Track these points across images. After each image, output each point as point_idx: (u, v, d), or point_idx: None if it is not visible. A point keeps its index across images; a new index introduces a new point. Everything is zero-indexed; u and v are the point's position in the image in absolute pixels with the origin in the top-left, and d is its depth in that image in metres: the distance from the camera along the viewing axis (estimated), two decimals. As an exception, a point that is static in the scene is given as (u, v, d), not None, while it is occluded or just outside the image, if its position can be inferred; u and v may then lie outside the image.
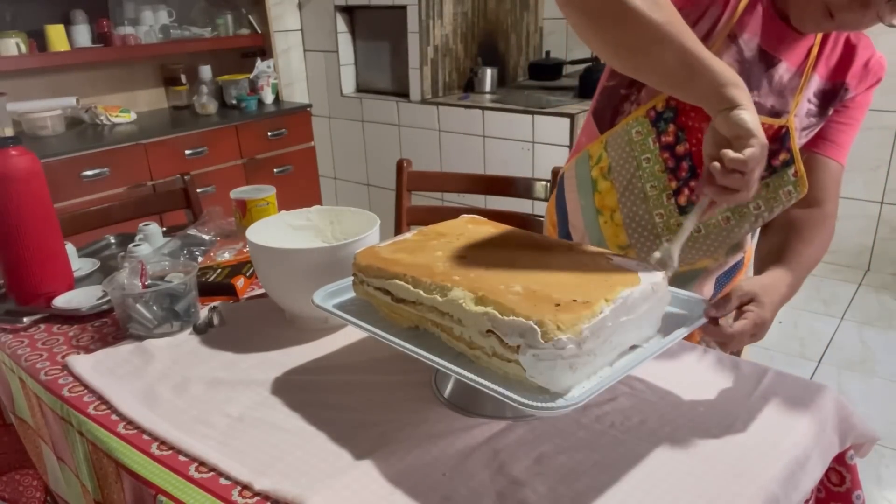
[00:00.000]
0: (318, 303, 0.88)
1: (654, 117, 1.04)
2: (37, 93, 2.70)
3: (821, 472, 0.80)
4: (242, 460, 0.75)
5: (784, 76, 0.98)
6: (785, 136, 0.98)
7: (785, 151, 0.98)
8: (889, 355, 2.43)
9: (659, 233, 1.07)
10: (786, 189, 1.00)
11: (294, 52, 3.37)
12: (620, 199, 1.09)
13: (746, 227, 1.05)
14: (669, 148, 1.03)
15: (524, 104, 2.68)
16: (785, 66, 0.97)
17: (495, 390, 0.66)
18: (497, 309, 0.69)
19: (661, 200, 1.05)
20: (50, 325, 1.11)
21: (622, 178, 1.08)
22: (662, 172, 1.04)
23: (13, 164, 1.08)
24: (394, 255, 0.85)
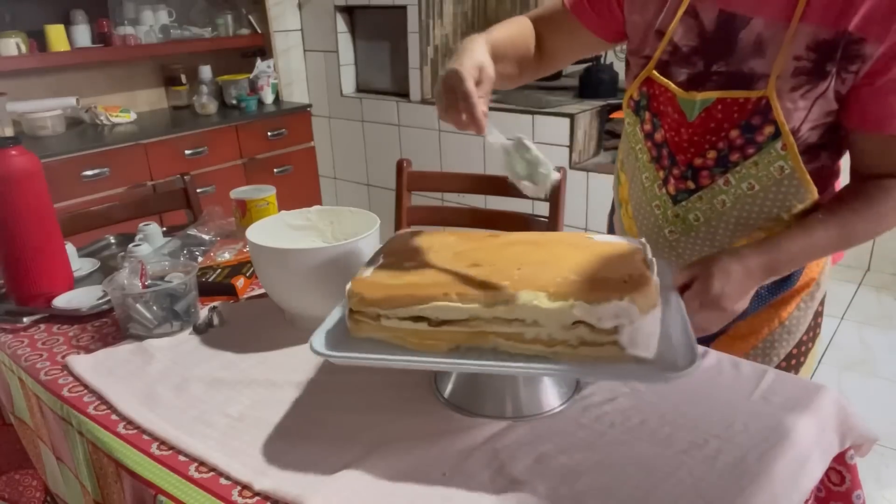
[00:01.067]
0: (323, 350, 0.75)
1: (634, 106, 1.03)
2: (37, 93, 2.70)
3: (821, 472, 0.80)
4: (242, 460, 0.75)
5: (764, 32, 0.88)
6: (766, 107, 0.89)
7: (769, 124, 0.89)
8: (889, 355, 2.43)
9: (660, 224, 1.04)
10: (776, 165, 0.91)
11: (294, 52, 3.37)
12: (630, 192, 1.08)
13: (746, 210, 0.96)
14: (650, 136, 1.01)
15: (524, 104, 2.68)
16: (761, 21, 0.88)
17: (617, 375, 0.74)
18: (582, 299, 0.71)
19: (655, 191, 1.03)
20: (50, 325, 1.11)
21: (629, 170, 1.07)
22: (650, 162, 1.03)
23: (13, 164, 1.08)
24: (402, 280, 0.78)
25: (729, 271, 0.86)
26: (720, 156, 0.95)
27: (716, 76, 0.93)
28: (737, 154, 0.94)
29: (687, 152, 0.98)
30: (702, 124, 0.95)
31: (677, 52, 0.96)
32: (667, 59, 0.97)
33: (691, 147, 0.97)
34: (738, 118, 0.91)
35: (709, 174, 0.97)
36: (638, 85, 1.00)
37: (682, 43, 0.95)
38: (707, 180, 0.97)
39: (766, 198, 0.95)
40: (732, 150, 0.94)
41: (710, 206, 0.99)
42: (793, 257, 0.90)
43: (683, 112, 0.96)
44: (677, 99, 0.96)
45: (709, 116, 0.94)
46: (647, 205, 1.05)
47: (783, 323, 1.04)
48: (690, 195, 0.99)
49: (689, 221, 1.01)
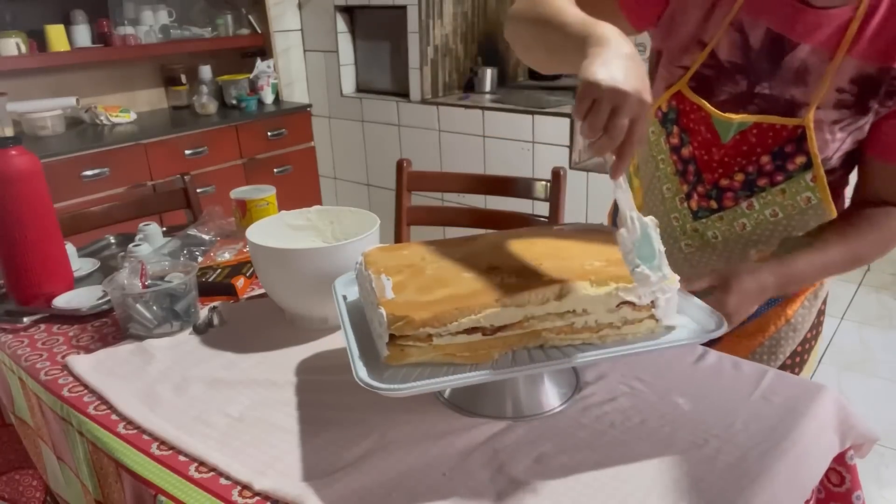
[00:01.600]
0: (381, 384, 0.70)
1: (661, 117, 1.00)
2: (37, 93, 2.69)
3: (821, 473, 0.80)
4: (242, 460, 0.75)
5: (808, 60, 0.87)
6: (801, 137, 0.89)
7: (802, 154, 0.90)
8: (889, 355, 2.43)
9: (677, 237, 1.04)
10: (804, 195, 0.92)
11: (294, 52, 3.37)
12: (644, 200, 1.07)
13: (766, 235, 0.98)
14: (676, 150, 1.00)
15: (524, 104, 2.68)
16: (807, 48, 0.86)
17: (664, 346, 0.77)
18: (623, 281, 0.75)
19: (676, 204, 1.02)
20: (50, 325, 1.11)
21: (646, 178, 1.06)
22: (674, 175, 1.01)
23: (13, 164, 1.08)
24: (439, 295, 0.75)
25: (746, 290, 0.87)
26: (748, 179, 0.95)
27: (758, 98, 0.91)
28: (765, 179, 0.93)
29: (715, 172, 0.97)
30: (734, 146, 0.94)
31: (720, 67, 0.92)
32: (709, 73, 0.93)
33: (720, 168, 0.96)
34: (771, 144, 0.91)
35: (733, 196, 0.97)
36: (667, 98, 0.97)
37: (726, 58, 0.92)
38: (731, 202, 0.97)
39: (789, 224, 0.96)
40: (761, 175, 0.93)
41: (729, 228, 0.99)
42: (805, 277, 0.93)
43: (717, 132, 0.94)
44: (712, 119, 0.93)
45: (742, 139, 0.93)
46: (665, 216, 1.04)
47: (789, 321, 1.05)
48: (711, 214, 0.99)
49: (707, 238, 1.01)
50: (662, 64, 0.99)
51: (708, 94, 0.94)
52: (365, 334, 0.80)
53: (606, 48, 0.68)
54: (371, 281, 0.79)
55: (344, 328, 0.80)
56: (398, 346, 0.73)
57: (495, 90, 3.07)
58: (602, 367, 0.90)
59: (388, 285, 0.77)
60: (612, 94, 0.64)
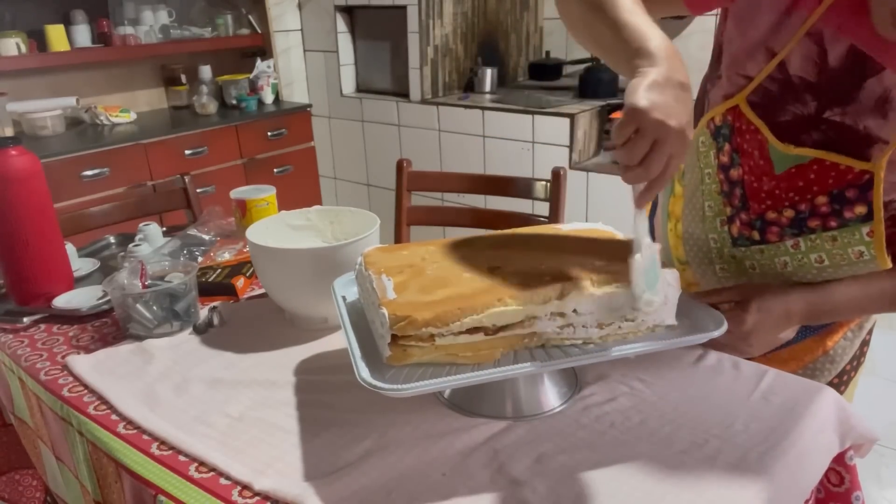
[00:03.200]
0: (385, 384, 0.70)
1: (714, 130, 0.89)
2: (37, 93, 2.69)
3: (821, 473, 0.80)
4: (242, 460, 0.75)
5: (893, 89, 0.75)
6: (867, 184, 0.77)
7: (863, 203, 0.78)
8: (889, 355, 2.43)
9: (713, 259, 0.95)
10: (856, 249, 0.81)
11: (294, 52, 3.37)
12: (684, 211, 0.98)
13: (807, 279, 0.88)
14: (725, 169, 0.89)
15: (524, 104, 2.68)
16: (893, 75, 0.75)
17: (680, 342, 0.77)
18: (623, 281, 0.75)
19: (716, 225, 0.93)
20: (50, 325, 1.11)
21: (689, 188, 0.96)
22: (718, 194, 0.92)
23: (13, 164, 1.08)
24: (441, 295, 0.75)
25: (769, 310, 0.83)
26: (798, 217, 0.84)
27: (825, 125, 0.80)
28: (817, 221, 0.83)
29: (763, 203, 0.87)
30: (788, 180, 0.83)
31: (788, 82, 0.81)
32: (773, 88, 0.82)
33: (769, 199, 0.86)
34: (832, 185, 0.80)
35: (779, 232, 0.87)
36: (723, 111, 0.86)
37: (796, 73, 0.80)
38: (775, 237, 0.88)
39: (835, 274, 0.86)
40: (814, 216, 0.83)
41: (770, 263, 0.90)
42: (839, 310, 0.87)
43: (771, 162, 0.84)
44: (768, 145, 0.83)
45: (799, 174, 0.82)
46: (703, 234, 0.95)
47: (827, 352, 0.99)
48: (752, 245, 0.90)
49: (745, 267, 0.93)
50: (723, 69, 0.88)
51: (770, 112, 0.83)
52: (365, 335, 0.80)
53: (658, 69, 0.64)
54: (372, 281, 0.79)
55: (345, 329, 0.80)
56: (400, 346, 0.73)
57: (495, 90, 3.07)
58: (602, 367, 0.90)
59: (389, 285, 0.77)
60: (656, 127, 0.61)
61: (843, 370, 1.01)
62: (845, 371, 1.02)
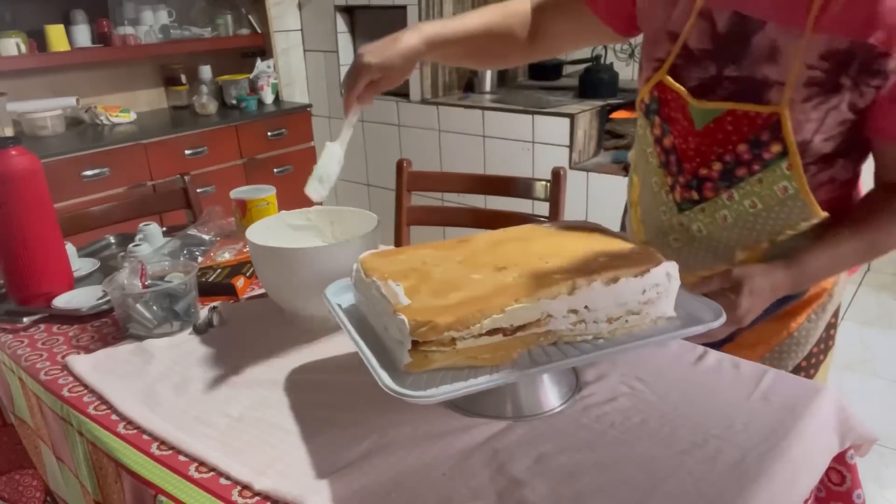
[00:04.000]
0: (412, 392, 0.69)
1: (645, 109, 1.01)
2: (37, 93, 2.70)
3: (821, 472, 0.80)
4: (242, 460, 0.75)
5: (778, 39, 0.85)
6: (776, 124, 0.86)
7: (777, 142, 0.87)
8: (889, 355, 2.43)
9: (665, 231, 1.03)
10: (780, 185, 0.89)
11: (294, 52, 3.37)
12: (640, 195, 1.08)
13: (748, 227, 0.95)
14: (659, 141, 1.00)
15: (524, 104, 2.68)
16: (775, 27, 0.85)
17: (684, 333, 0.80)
18: (629, 275, 0.78)
19: (662, 196, 1.02)
20: (50, 325, 1.11)
21: (641, 173, 1.06)
22: (659, 167, 1.01)
23: (13, 164, 1.08)
24: (456, 298, 0.74)
25: (759, 290, 0.87)
26: (726, 169, 0.93)
27: (727, 81, 0.90)
28: (743, 169, 0.92)
29: (693, 161, 0.96)
30: (709, 134, 0.93)
31: (690, 55, 0.93)
32: (680, 62, 0.94)
33: (697, 156, 0.95)
34: (746, 132, 0.89)
35: (713, 187, 0.96)
36: (649, 88, 0.98)
37: (695, 46, 0.92)
38: (711, 193, 0.96)
39: (769, 217, 0.93)
40: (739, 164, 0.92)
41: (712, 220, 0.97)
42: (818, 272, 0.91)
43: (692, 119, 0.94)
44: (688, 106, 0.94)
45: (717, 127, 0.92)
46: (655, 209, 1.04)
47: (792, 334, 1.03)
48: (694, 206, 0.99)
49: (693, 232, 1.00)
50: (642, 58, 1.02)
51: (680, 81, 0.94)
52: (371, 342, 0.78)
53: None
54: (379, 288, 0.77)
55: (353, 338, 0.78)
56: (422, 352, 0.71)
57: (495, 90, 3.07)
58: (602, 367, 0.90)
59: (399, 291, 0.75)
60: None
61: (810, 353, 1.05)
62: (813, 354, 1.05)
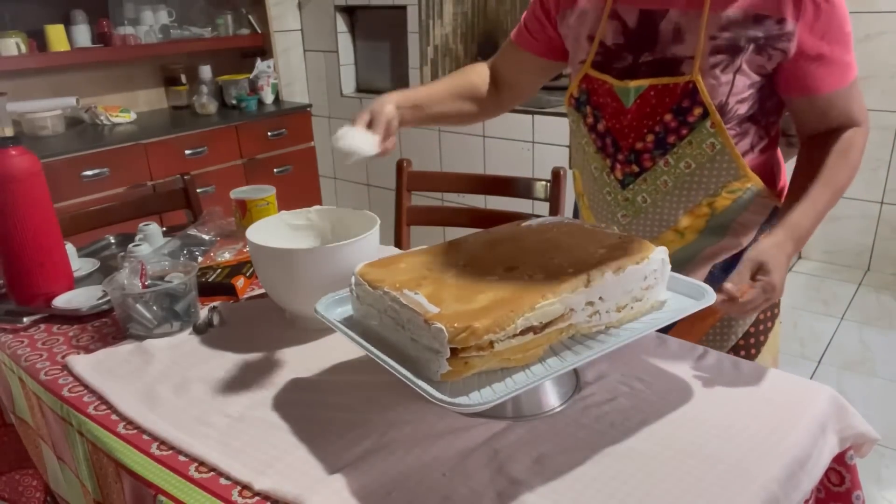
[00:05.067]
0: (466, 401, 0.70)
1: (575, 104, 1.11)
2: (37, 93, 2.69)
3: (821, 473, 0.80)
4: (242, 460, 0.75)
5: (681, 21, 0.97)
6: (693, 90, 0.97)
7: (698, 105, 0.97)
8: (889, 355, 2.43)
9: (613, 209, 1.10)
10: (708, 142, 0.99)
11: (294, 52, 3.37)
12: (583, 184, 1.17)
13: (686, 188, 1.03)
14: (593, 128, 1.09)
15: (524, 104, 2.68)
16: (676, 12, 0.97)
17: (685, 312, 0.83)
18: (632, 263, 0.81)
19: (604, 178, 1.10)
20: (50, 325, 1.11)
21: (579, 165, 1.17)
22: (596, 153, 1.10)
23: (13, 164, 1.08)
24: (483, 302, 0.74)
25: (781, 263, 0.90)
26: (658, 139, 1.02)
27: (644, 66, 1.01)
28: (673, 136, 1.01)
29: (628, 137, 1.05)
30: (638, 110, 1.02)
31: (608, 51, 1.04)
32: (599, 59, 1.05)
33: (631, 132, 1.04)
34: (669, 102, 0.99)
35: (650, 157, 1.04)
36: (577, 83, 1.08)
37: (611, 42, 1.03)
38: (649, 163, 1.04)
39: (703, 175, 1.02)
40: (668, 132, 1.01)
41: (654, 187, 1.06)
42: (808, 227, 0.97)
43: (621, 100, 1.03)
44: (615, 88, 1.03)
45: (644, 102, 1.01)
46: (599, 192, 1.12)
47: None
48: (636, 178, 1.07)
49: (638, 203, 1.08)
50: (570, 67, 1.13)
51: (603, 72, 1.05)
52: (388, 355, 0.75)
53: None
54: (397, 298, 0.75)
55: (374, 354, 0.75)
56: (461, 359, 0.70)
57: (495, 91, 3.06)
58: (602, 367, 0.90)
59: (422, 300, 0.74)
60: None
61: (757, 320, 1.11)
62: (759, 321, 1.12)
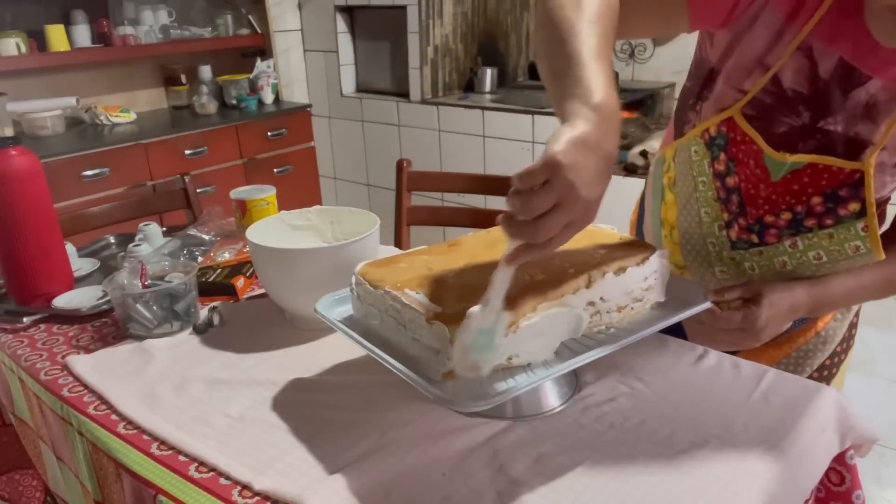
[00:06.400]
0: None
1: (708, 140, 0.92)
2: (37, 93, 2.70)
3: (821, 473, 0.80)
4: (242, 460, 0.75)
5: (879, 96, 0.80)
6: (858, 182, 0.82)
7: (856, 201, 0.83)
8: (889, 355, 2.43)
9: (712, 262, 0.98)
10: (853, 244, 0.85)
11: (294, 52, 3.37)
12: (679, 217, 1.00)
13: (806, 276, 0.92)
14: (721, 177, 0.92)
15: (524, 104, 2.68)
16: (879, 84, 0.80)
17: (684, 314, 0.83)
18: (632, 264, 0.81)
19: (714, 230, 0.96)
20: (50, 325, 1.11)
21: (682, 195, 0.98)
22: (715, 201, 0.94)
23: (13, 164, 1.08)
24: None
25: (779, 305, 0.87)
26: (795, 219, 0.89)
27: (820, 134, 0.84)
28: (813, 221, 0.87)
29: (760, 208, 0.90)
30: (784, 185, 0.87)
31: (782, 95, 0.84)
32: (769, 101, 0.85)
33: (766, 204, 0.90)
34: (825, 186, 0.85)
35: (777, 234, 0.91)
36: (718, 122, 0.89)
37: (790, 86, 0.83)
38: (773, 238, 0.91)
39: (832, 269, 0.90)
40: (810, 216, 0.87)
41: (769, 264, 0.93)
42: (837, 300, 0.92)
43: (767, 170, 0.87)
44: (764, 156, 0.86)
45: (794, 178, 0.86)
46: (701, 239, 0.98)
47: (819, 333, 1.01)
48: (751, 247, 0.94)
49: (744, 268, 0.96)
50: (718, 83, 0.90)
51: (766, 123, 0.86)
52: (389, 355, 0.75)
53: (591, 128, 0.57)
54: (398, 298, 0.75)
55: (375, 353, 0.75)
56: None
57: (495, 90, 3.07)
58: (602, 367, 0.90)
59: (423, 299, 0.74)
60: (566, 189, 0.55)
61: (833, 352, 1.04)
62: (836, 353, 1.04)
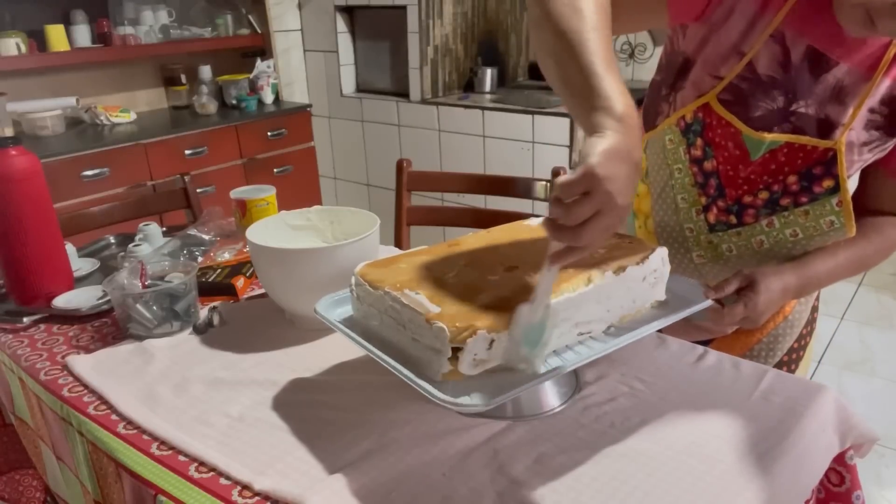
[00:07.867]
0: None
1: (684, 127, 0.95)
2: (37, 93, 2.69)
3: (821, 473, 0.80)
4: (242, 460, 0.75)
5: (845, 80, 0.85)
6: (832, 160, 0.87)
7: (830, 177, 0.88)
8: (889, 355, 2.43)
9: (689, 247, 1.01)
10: (827, 219, 0.90)
11: (294, 52, 3.37)
12: (654, 206, 1.04)
13: (782, 254, 0.96)
14: (698, 162, 0.96)
15: (524, 104, 2.68)
16: (845, 68, 0.85)
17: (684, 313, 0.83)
18: (632, 263, 0.81)
19: (691, 215, 1.00)
20: (50, 325, 1.11)
21: (656, 185, 1.02)
22: (692, 186, 0.98)
23: (13, 164, 1.08)
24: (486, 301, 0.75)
25: (772, 290, 0.89)
26: (772, 198, 0.93)
27: (794, 117, 0.88)
28: (788, 199, 0.92)
29: (739, 188, 0.95)
30: (762, 165, 0.92)
31: (757, 80, 0.88)
32: (744, 87, 0.89)
33: (745, 184, 0.94)
34: (800, 164, 0.89)
35: (755, 213, 0.95)
36: (694, 108, 0.93)
37: (764, 72, 0.88)
38: (751, 219, 0.95)
39: (808, 245, 0.94)
40: (786, 194, 0.92)
41: (746, 244, 0.97)
42: (820, 280, 0.95)
43: (746, 150, 0.91)
44: (742, 135, 0.90)
45: (772, 158, 0.91)
46: (678, 226, 1.01)
47: (787, 317, 1.06)
48: (729, 228, 0.98)
49: (721, 251, 1.00)
50: (694, 71, 0.93)
51: (743, 107, 0.90)
52: (389, 356, 0.75)
53: (621, 139, 0.61)
54: (398, 298, 0.75)
55: (376, 354, 0.75)
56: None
57: (495, 90, 3.07)
58: (602, 367, 0.90)
59: (423, 300, 0.74)
60: (605, 199, 0.59)
61: (800, 335, 1.09)
62: (802, 336, 1.09)
